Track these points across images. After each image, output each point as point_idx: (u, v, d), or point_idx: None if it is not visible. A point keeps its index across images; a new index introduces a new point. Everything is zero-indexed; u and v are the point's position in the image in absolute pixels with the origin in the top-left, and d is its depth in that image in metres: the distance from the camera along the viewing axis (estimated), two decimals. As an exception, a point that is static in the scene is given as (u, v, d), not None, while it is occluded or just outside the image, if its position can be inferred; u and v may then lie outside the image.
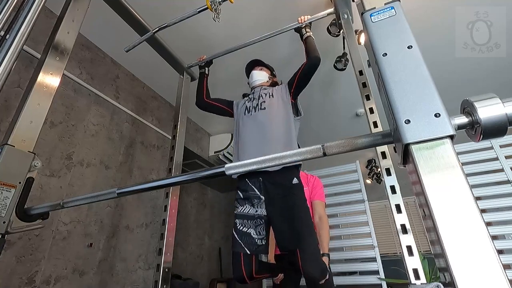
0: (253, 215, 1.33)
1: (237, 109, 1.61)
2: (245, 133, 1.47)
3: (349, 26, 1.47)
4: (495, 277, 0.35)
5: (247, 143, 1.43)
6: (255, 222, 1.32)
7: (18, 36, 0.85)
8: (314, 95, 2.82)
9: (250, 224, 1.32)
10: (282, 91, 1.53)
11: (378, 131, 0.81)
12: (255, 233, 1.31)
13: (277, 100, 1.49)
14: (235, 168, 0.71)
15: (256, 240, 1.30)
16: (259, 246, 1.30)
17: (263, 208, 1.32)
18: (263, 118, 1.44)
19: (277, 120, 1.43)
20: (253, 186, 1.36)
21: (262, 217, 1.32)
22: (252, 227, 1.32)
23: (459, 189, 0.41)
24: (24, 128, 0.94)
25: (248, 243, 1.29)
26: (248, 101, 1.58)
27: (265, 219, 1.32)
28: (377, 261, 2.69)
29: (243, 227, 1.33)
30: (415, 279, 0.89)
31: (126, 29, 1.50)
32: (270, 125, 1.41)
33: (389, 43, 0.58)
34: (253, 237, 1.30)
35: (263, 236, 1.31)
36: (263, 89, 1.58)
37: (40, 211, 0.92)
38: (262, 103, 1.49)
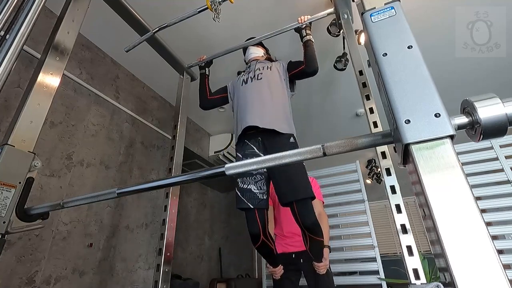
0: (251, 172, 1.38)
1: (233, 86, 1.66)
2: (243, 100, 1.50)
3: (349, 26, 1.47)
4: (495, 277, 0.35)
5: (245, 106, 1.46)
6: (255, 178, 1.38)
7: (18, 36, 0.85)
8: (314, 95, 2.82)
9: (250, 181, 1.38)
10: (280, 67, 1.57)
11: (378, 131, 0.81)
12: (256, 188, 1.37)
13: (274, 73, 1.53)
14: (235, 168, 0.71)
15: (257, 195, 1.36)
16: (261, 200, 1.36)
17: None
18: (259, 86, 1.49)
19: (274, 88, 1.47)
20: (252, 146, 1.42)
21: (261, 173, 1.39)
22: (252, 183, 1.38)
23: (459, 189, 0.41)
24: (24, 128, 0.94)
25: (250, 197, 1.36)
26: (244, 74, 1.62)
27: (265, 175, 1.39)
28: (377, 261, 2.68)
29: (243, 184, 1.39)
30: (415, 279, 0.89)
31: (126, 29, 1.50)
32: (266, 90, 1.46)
33: (389, 43, 0.58)
34: (254, 192, 1.37)
35: (263, 190, 1.38)
36: (259, 62, 1.63)
37: (40, 211, 0.92)
38: (259, 74, 1.53)
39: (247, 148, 1.42)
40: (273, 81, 1.50)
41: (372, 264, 2.72)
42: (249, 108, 1.43)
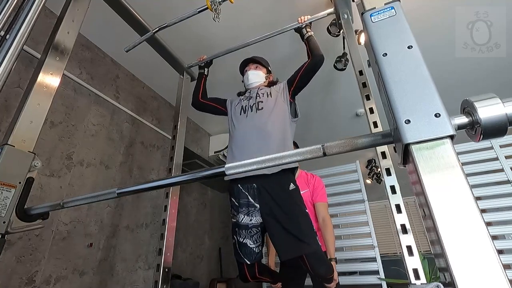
0: (247, 225, 1.28)
1: (231, 108, 1.55)
2: (241, 135, 1.40)
3: (349, 26, 1.47)
4: (495, 277, 0.35)
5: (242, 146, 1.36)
6: (250, 232, 1.29)
7: (18, 36, 0.85)
8: (314, 95, 2.82)
9: (246, 234, 1.29)
10: (280, 90, 1.48)
11: (378, 131, 0.81)
12: (252, 242, 1.29)
13: (275, 100, 1.43)
14: (235, 168, 0.70)
15: (253, 249, 1.29)
16: (257, 254, 1.30)
17: (258, 216, 1.27)
18: (259, 119, 1.38)
19: (274, 122, 1.36)
20: (247, 193, 1.30)
21: (257, 225, 1.29)
22: (248, 237, 1.29)
23: (459, 189, 0.41)
24: (24, 128, 0.94)
25: (247, 253, 1.29)
26: (244, 99, 1.50)
27: (261, 227, 1.29)
28: (377, 261, 2.69)
29: (240, 237, 1.31)
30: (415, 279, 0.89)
31: (126, 29, 1.50)
32: (267, 127, 1.34)
33: (389, 43, 0.58)
34: (250, 247, 1.29)
35: (259, 243, 1.31)
36: (260, 89, 1.52)
37: (40, 211, 0.92)
38: (260, 102, 1.43)
39: (242, 197, 1.30)
40: (274, 111, 1.39)
41: (372, 264, 2.72)
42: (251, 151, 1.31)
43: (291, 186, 1.28)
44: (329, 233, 1.77)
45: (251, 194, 1.29)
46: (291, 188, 1.28)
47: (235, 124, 1.47)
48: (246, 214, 1.29)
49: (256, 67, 1.61)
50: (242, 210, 1.30)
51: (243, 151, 1.35)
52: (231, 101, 1.60)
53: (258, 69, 1.60)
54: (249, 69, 1.60)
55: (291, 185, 1.28)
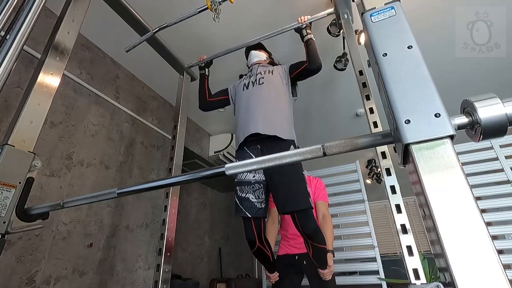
0: (250, 181, 1.38)
1: (234, 89, 1.65)
2: (243, 107, 1.49)
3: (349, 26, 1.47)
4: (495, 277, 0.35)
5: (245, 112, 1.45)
6: (253, 187, 1.38)
7: (18, 36, 0.85)
8: (314, 95, 2.82)
9: (249, 190, 1.38)
10: (282, 71, 1.55)
11: (378, 131, 0.81)
12: (254, 197, 1.37)
13: (276, 77, 1.51)
14: (235, 168, 0.70)
15: (255, 204, 1.36)
16: (259, 210, 1.36)
17: (261, 173, 1.38)
18: (261, 91, 1.47)
19: (276, 93, 1.46)
20: (251, 154, 1.41)
21: (260, 182, 1.38)
22: (251, 192, 1.38)
23: (459, 189, 0.41)
24: (24, 128, 0.94)
25: (248, 207, 1.36)
26: (245, 78, 1.60)
27: (264, 184, 1.38)
28: (377, 261, 2.68)
29: (242, 192, 1.39)
30: (415, 279, 0.89)
31: (126, 29, 1.50)
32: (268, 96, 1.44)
33: (389, 43, 0.58)
34: (252, 201, 1.36)
35: (262, 199, 1.37)
36: (261, 66, 1.62)
37: (40, 211, 0.92)
38: (261, 78, 1.51)
39: (246, 156, 1.41)
40: (275, 85, 1.48)
41: (372, 264, 2.72)
42: (251, 115, 1.42)
43: (292, 149, 1.36)
44: (329, 229, 1.80)
45: (254, 154, 1.40)
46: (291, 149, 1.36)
47: (238, 100, 1.56)
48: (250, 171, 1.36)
49: (260, 50, 1.74)
50: None
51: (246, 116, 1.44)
52: (233, 85, 1.69)
53: (261, 51, 1.74)
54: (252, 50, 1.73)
55: (291, 147, 1.38)
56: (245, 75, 1.66)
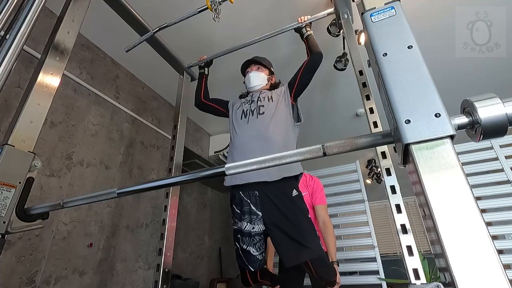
0: (249, 232, 1.27)
1: (232, 111, 1.53)
2: (241, 141, 1.38)
3: (349, 26, 1.47)
4: (495, 277, 0.35)
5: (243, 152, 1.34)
6: (253, 240, 1.27)
7: (18, 36, 0.85)
8: (314, 95, 2.82)
9: (249, 242, 1.28)
10: (281, 93, 1.46)
11: (378, 131, 0.81)
12: (255, 250, 1.28)
13: (276, 104, 1.41)
14: (235, 168, 0.71)
15: (257, 257, 1.28)
16: (261, 261, 1.29)
17: (261, 224, 1.26)
18: (260, 124, 1.35)
19: (276, 127, 1.33)
20: (249, 201, 1.28)
21: (260, 233, 1.28)
22: (251, 245, 1.27)
23: (459, 189, 0.41)
24: (24, 128, 0.94)
25: (250, 260, 1.28)
26: (245, 103, 1.48)
27: (264, 234, 1.29)
28: (377, 261, 2.69)
29: (243, 244, 1.30)
30: (415, 279, 0.89)
31: (126, 29, 1.50)
32: (268, 132, 1.31)
33: (389, 43, 0.58)
34: (253, 254, 1.27)
35: (262, 250, 1.30)
36: (262, 92, 1.50)
37: (40, 211, 0.92)
38: (261, 107, 1.40)
39: (244, 204, 1.29)
40: (276, 116, 1.36)
41: (372, 264, 2.72)
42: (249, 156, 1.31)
43: (294, 193, 1.26)
44: (330, 235, 1.77)
45: (253, 202, 1.27)
46: (294, 194, 1.26)
47: (236, 129, 1.44)
48: (249, 221, 1.28)
49: (258, 68, 1.58)
50: (245, 217, 1.29)
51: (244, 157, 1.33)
52: (232, 103, 1.58)
53: (260, 70, 1.57)
54: (251, 70, 1.58)
55: (293, 192, 1.26)
56: (245, 97, 1.55)
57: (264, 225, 1.26)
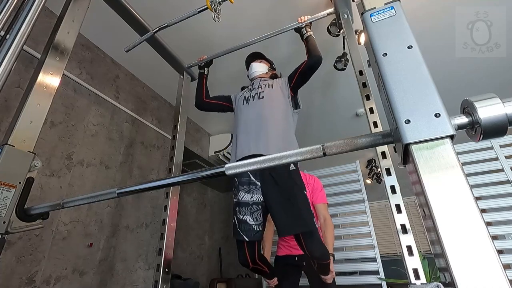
0: (248, 202, 1.33)
1: (236, 101, 1.62)
2: (243, 121, 1.46)
3: (349, 26, 1.47)
4: (495, 277, 0.35)
5: (245, 130, 1.43)
6: (251, 209, 1.32)
7: (18, 36, 0.85)
8: (314, 95, 2.82)
9: (246, 211, 1.33)
10: (282, 84, 1.54)
11: (378, 131, 0.81)
12: (252, 219, 1.32)
13: (276, 91, 1.49)
14: (235, 168, 0.70)
15: (253, 227, 1.31)
16: (257, 232, 1.31)
17: (259, 194, 1.32)
18: (260, 106, 1.44)
19: (275, 109, 1.42)
20: (248, 172, 1.34)
21: (258, 203, 1.33)
22: (248, 214, 1.32)
23: (459, 189, 0.41)
24: (24, 128, 0.94)
25: (246, 230, 1.31)
26: (246, 91, 1.59)
27: (262, 205, 1.33)
28: (377, 261, 2.68)
29: (240, 214, 1.35)
30: (415, 279, 0.89)
31: (126, 29, 1.50)
32: (268, 113, 1.41)
33: (389, 43, 0.58)
34: (250, 224, 1.31)
35: (259, 222, 1.32)
36: (262, 80, 1.60)
37: (40, 211, 0.92)
38: (261, 92, 1.49)
39: (244, 175, 1.36)
40: (275, 100, 1.45)
41: (372, 264, 2.72)
42: (250, 134, 1.38)
43: (292, 167, 1.33)
44: (330, 232, 1.82)
45: (252, 173, 1.34)
46: (291, 168, 1.32)
47: (238, 114, 1.54)
48: (247, 192, 1.34)
49: (261, 61, 1.71)
50: (243, 188, 1.35)
51: (245, 135, 1.40)
52: (235, 95, 1.66)
53: (262, 62, 1.70)
54: (254, 62, 1.70)
55: (291, 165, 1.32)
56: (247, 87, 1.64)
57: (262, 195, 1.32)
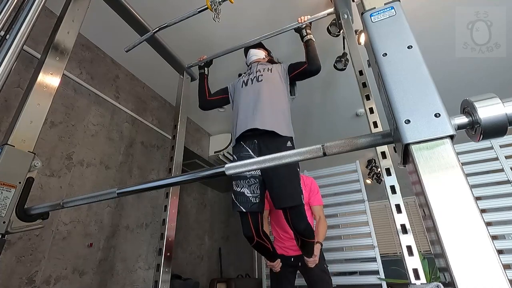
0: (245, 175, 1.37)
1: (233, 88, 1.65)
2: (242, 102, 1.49)
3: (349, 26, 1.47)
4: (495, 277, 0.35)
5: (243, 108, 1.46)
6: (248, 182, 1.37)
7: (18, 36, 0.85)
8: (314, 95, 2.82)
9: (244, 184, 1.37)
10: (281, 70, 1.56)
11: (378, 131, 0.81)
12: (249, 192, 1.36)
13: (274, 75, 1.52)
14: (235, 168, 0.71)
15: (250, 198, 1.35)
16: (254, 204, 1.35)
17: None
18: (260, 87, 1.46)
19: (273, 90, 1.46)
20: (248, 148, 1.41)
21: (256, 176, 1.37)
22: (246, 186, 1.36)
23: (459, 189, 0.41)
24: (24, 128, 0.94)
25: (243, 201, 1.35)
26: (244, 75, 1.61)
27: (259, 179, 1.37)
28: (377, 261, 2.69)
29: (237, 187, 1.38)
30: (415, 279, 0.89)
31: (126, 29, 1.50)
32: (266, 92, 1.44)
33: (389, 43, 0.58)
34: (247, 195, 1.35)
35: (257, 194, 1.36)
36: (260, 64, 1.62)
37: (40, 211, 0.92)
38: (260, 76, 1.52)
39: (243, 151, 1.41)
40: (273, 83, 1.49)
41: (372, 264, 2.72)
42: (249, 111, 1.42)
43: (288, 144, 1.38)
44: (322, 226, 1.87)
45: (251, 148, 1.40)
46: (288, 145, 1.37)
47: (236, 97, 1.57)
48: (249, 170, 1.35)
49: (259, 49, 1.74)
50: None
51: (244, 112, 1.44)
52: (232, 83, 1.70)
53: (260, 50, 1.73)
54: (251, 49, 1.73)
55: (288, 143, 1.38)
56: (244, 73, 1.67)
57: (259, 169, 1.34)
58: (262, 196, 1.38)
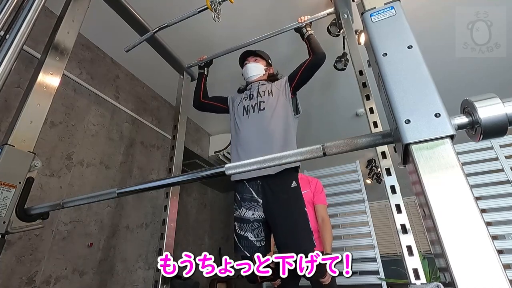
0: (249, 219, 1.31)
1: (233, 106, 1.56)
2: (244, 137, 1.42)
3: (349, 26, 1.47)
4: (495, 277, 0.35)
5: (247, 148, 1.38)
6: (252, 226, 1.30)
7: (18, 36, 0.85)
8: (314, 95, 2.82)
9: (247, 228, 1.31)
10: (281, 87, 1.48)
11: (378, 131, 0.81)
12: (253, 236, 1.29)
13: (276, 98, 1.44)
14: (235, 168, 0.70)
15: (254, 243, 1.29)
16: (259, 248, 1.28)
17: (261, 211, 1.30)
18: (262, 120, 1.39)
19: (277, 122, 1.38)
20: (251, 189, 1.33)
21: (259, 220, 1.30)
22: (249, 231, 1.30)
23: (459, 189, 0.41)
24: (24, 128, 0.94)
25: (247, 246, 1.29)
26: (245, 99, 1.51)
27: (263, 222, 1.31)
28: (377, 261, 2.69)
29: (240, 230, 1.33)
30: (415, 279, 0.89)
31: (126, 29, 1.50)
32: (270, 128, 1.36)
33: (389, 43, 0.58)
34: (251, 240, 1.29)
35: (261, 238, 1.30)
36: (261, 85, 1.53)
37: (40, 211, 0.92)
38: (261, 102, 1.44)
39: (246, 192, 1.34)
40: (277, 110, 1.40)
41: (372, 264, 2.72)
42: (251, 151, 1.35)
43: (293, 184, 1.31)
44: (328, 232, 1.84)
45: (255, 190, 1.33)
46: (293, 185, 1.31)
47: (238, 125, 1.48)
48: (248, 208, 1.32)
49: (256, 60, 1.61)
50: (245, 204, 1.33)
51: (248, 153, 1.37)
52: (232, 98, 1.61)
53: (257, 61, 1.61)
54: (248, 62, 1.61)
55: (293, 183, 1.31)
56: (244, 91, 1.57)
57: (263, 212, 1.30)
58: (267, 239, 1.32)
